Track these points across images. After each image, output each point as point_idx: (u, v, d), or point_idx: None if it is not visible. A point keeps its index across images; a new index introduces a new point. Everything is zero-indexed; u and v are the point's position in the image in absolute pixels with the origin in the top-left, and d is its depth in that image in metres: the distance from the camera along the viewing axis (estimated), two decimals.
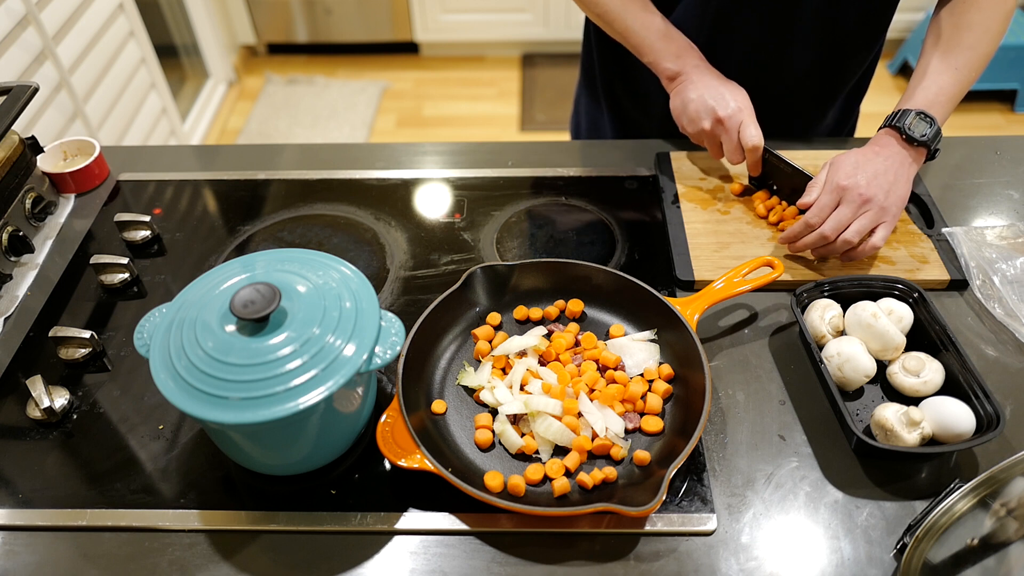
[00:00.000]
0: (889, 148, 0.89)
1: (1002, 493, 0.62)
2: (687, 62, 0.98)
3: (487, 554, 0.66)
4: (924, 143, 0.89)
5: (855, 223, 0.85)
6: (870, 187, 0.85)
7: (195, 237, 1.01)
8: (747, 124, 0.94)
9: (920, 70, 0.94)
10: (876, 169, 0.87)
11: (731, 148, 0.96)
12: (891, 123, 0.91)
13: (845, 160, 0.88)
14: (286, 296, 0.65)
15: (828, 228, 0.86)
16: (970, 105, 2.88)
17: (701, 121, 0.96)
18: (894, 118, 0.91)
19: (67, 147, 1.09)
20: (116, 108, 2.07)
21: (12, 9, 1.62)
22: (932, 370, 0.76)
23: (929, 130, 0.89)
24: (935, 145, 0.90)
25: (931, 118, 0.89)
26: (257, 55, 3.36)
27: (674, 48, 0.99)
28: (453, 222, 1.01)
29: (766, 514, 0.69)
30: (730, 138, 0.96)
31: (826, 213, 0.86)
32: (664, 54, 0.99)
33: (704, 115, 0.96)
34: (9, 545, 0.68)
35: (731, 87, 0.96)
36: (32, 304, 0.91)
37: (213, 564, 0.66)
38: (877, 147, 0.89)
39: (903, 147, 0.89)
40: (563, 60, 3.24)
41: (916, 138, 0.88)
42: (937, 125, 0.89)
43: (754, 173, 0.99)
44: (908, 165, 0.89)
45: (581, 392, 0.75)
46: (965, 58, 0.92)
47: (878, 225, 0.86)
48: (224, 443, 0.70)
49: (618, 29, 1.01)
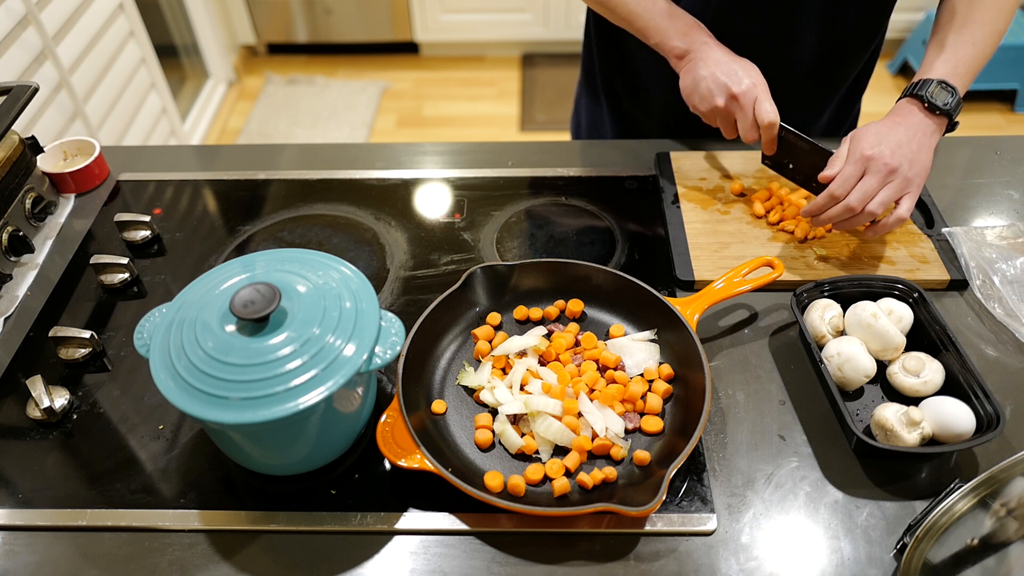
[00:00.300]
0: (912, 117, 0.88)
1: (1002, 493, 0.62)
2: (695, 39, 0.96)
3: (487, 554, 0.67)
4: (947, 112, 0.88)
5: (881, 194, 0.84)
6: (895, 157, 0.84)
7: (195, 237, 1.01)
8: (762, 100, 0.92)
9: (936, 44, 0.93)
10: (899, 138, 0.85)
11: (746, 125, 0.94)
12: (912, 92, 0.89)
13: (867, 131, 0.87)
14: (286, 296, 0.65)
15: (854, 199, 0.84)
16: (970, 105, 2.88)
17: (714, 98, 0.94)
18: (915, 87, 0.89)
19: (67, 147, 1.09)
20: (116, 108, 2.07)
21: (12, 9, 1.62)
22: (932, 370, 0.76)
23: (951, 99, 0.87)
24: (956, 114, 0.89)
25: (952, 87, 0.88)
26: (257, 55, 3.36)
27: (680, 26, 0.97)
28: (453, 222, 1.01)
29: (766, 514, 0.69)
30: (745, 115, 0.93)
31: (851, 184, 0.84)
32: (671, 33, 0.97)
33: (717, 92, 0.93)
34: (9, 545, 0.68)
35: (743, 63, 0.94)
36: (32, 304, 0.91)
37: (213, 564, 0.66)
38: (898, 117, 0.88)
39: (925, 116, 0.88)
40: (563, 60, 3.24)
41: (939, 106, 0.87)
42: (958, 95, 0.88)
43: (769, 152, 0.97)
44: (931, 134, 0.88)
45: (581, 392, 0.75)
46: (982, 33, 0.91)
47: (902, 196, 0.85)
48: (224, 443, 0.70)
49: (622, 14, 0.99)
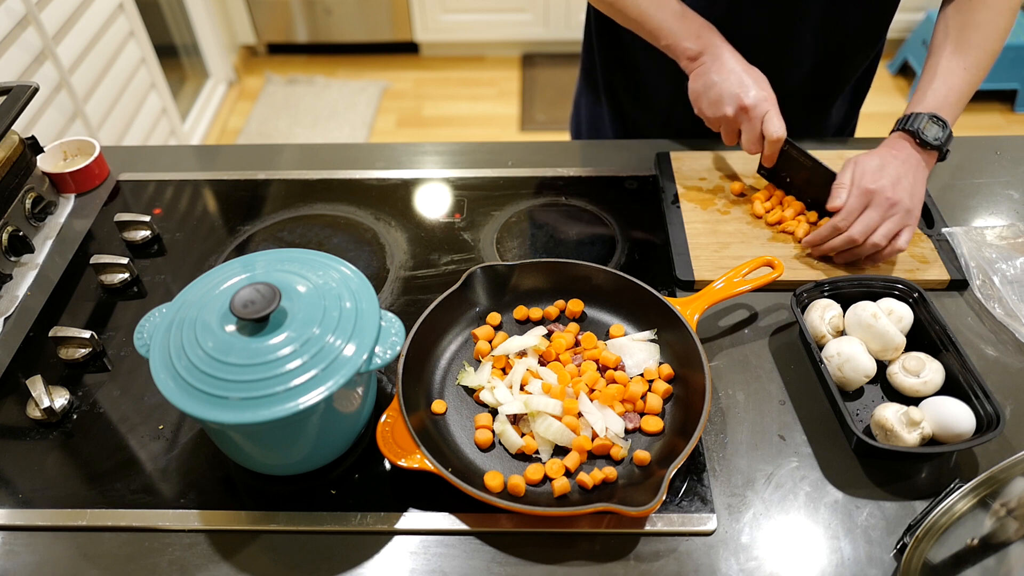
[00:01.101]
0: (904, 151, 0.89)
1: (1002, 493, 0.62)
2: (708, 41, 0.96)
3: (487, 554, 0.66)
4: (937, 147, 0.90)
5: (883, 227, 0.85)
6: (896, 190, 0.85)
7: (195, 237, 1.01)
8: (771, 115, 0.93)
9: (930, 71, 0.94)
10: (899, 172, 0.87)
11: (752, 138, 0.95)
12: (904, 127, 0.91)
13: (868, 162, 0.88)
14: (286, 296, 0.65)
15: (857, 231, 0.85)
16: (970, 105, 2.84)
17: (724, 107, 0.94)
18: (907, 121, 0.91)
19: (67, 147, 1.09)
20: (116, 108, 2.07)
21: (12, 9, 1.62)
22: (932, 370, 0.76)
23: (942, 134, 0.90)
24: (947, 148, 0.91)
25: (943, 121, 0.90)
26: (257, 55, 3.36)
27: (693, 27, 0.96)
28: (453, 222, 1.01)
29: (766, 514, 0.69)
30: (752, 127, 0.94)
31: (854, 217, 0.86)
32: (683, 34, 0.96)
33: (728, 101, 0.93)
34: (9, 545, 0.68)
35: (755, 74, 0.94)
36: (32, 304, 0.91)
37: (213, 564, 0.66)
38: (894, 150, 0.90)
39: (916, 150, 0.90)
40: (563, 60, 3.24)
41: (930, 142, 0.89)
42: (949, 128, 0.90)
43: (769, 164, 0.98)
44: (922, 168, 0.90)
45: (581, 392, 0.75)
46: (974, 57, 0.92)
47: (903, 228, 0.86)
48: (224, 443, 0.70)
49: (632, 16, 0.99)
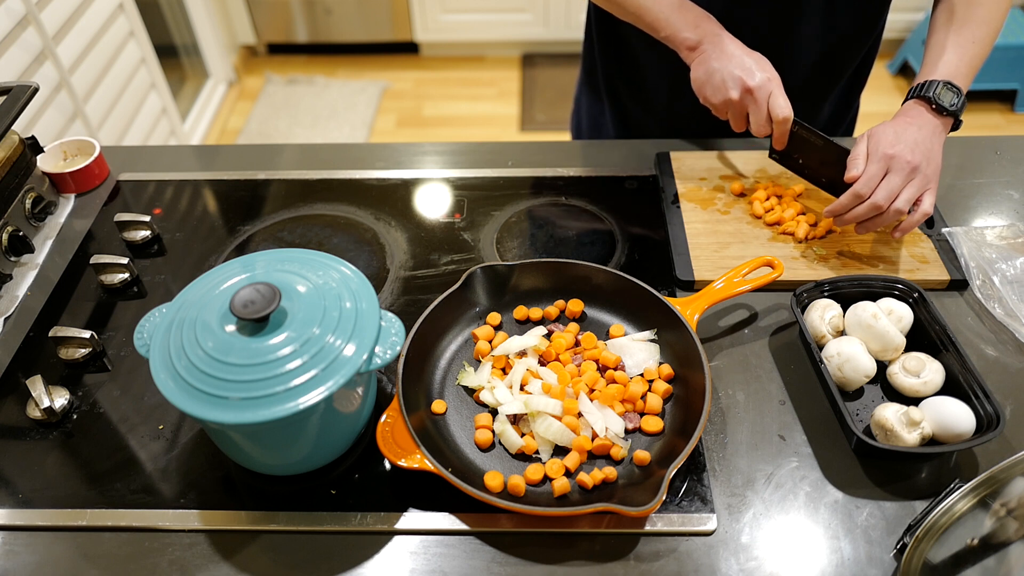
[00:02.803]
0: (921, 117, 0.89)
1: (1002, 493, 0.62)
2: (707, 30, 0.96)
3: (487, 554, 0.66)
4: (953, 112, 0.90)
5: (905, 191, 0.85)
6: (915, 154, 0.85)
7: (195, 237, 1.01)
8: (776, 95, 0.92)
9: (937, 44, 0.95)
10: (915, 137, 0.87)
11: (760, 120, 0.94)
12: (919, 93, 0.91)
13: (884, 130, 0.88)
14: (286, 296, 0.65)
15: (880, 197, 0.85)
16: (970, 105, 2.87)
17: (728, 91, 0.94)
18: (921, 88, 0.91)
19: (67, 147, 1.09)
20: (116, 108, 2.07)
21: (12, 9, 1.62)
22: (932, 370, 0.76)
23: (957, 100, 0.90)
24: (961, 113, 0.91)
25: (957, 88, 0.90)
26: (257, 55, 3.36)
27: (691, 17, 0.97)
28: (453, 222, 1.01)
29: (766, 514, 0.69)
30: (759, 109, 0.93)
31: (875, 183, 0.85)
32: (681, 25, 0.97)
33: (732, 85, 0.93)
34: (9, 545, 0.68)
35: (756, 56, 0.95)
36: (32, 304, 0.91)
37: (213, 564, 0.66)
38: (909, 117, 0.90)
39: (933, 116, 0.90)
40: (563, 60, 3.24)
41: (946, 107, 0.89)
42: (963, 95, 0.90)
43: (779, 146, 0.98)
44: (939, 133, 0.90)
45: (581, 392, 0.75)
46: (981, 32, 0.93)
47: (924, 192, 0.86)
48: (224, 443, 0.70)
49: (631, 9, 0.99)
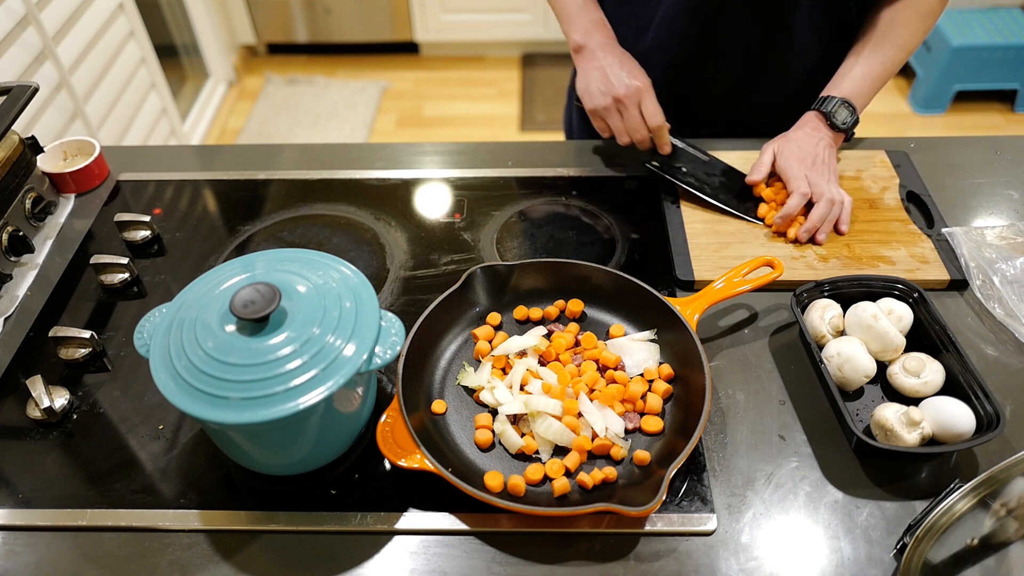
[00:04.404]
0: (819, 130, 0.99)
1: (1002, 493, 0.62)
2: (593, 38, 0.98)
3: (487, 554, 0.67)
4: (843, 130, 0.99)
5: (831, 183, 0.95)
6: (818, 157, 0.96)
7: (195, 237, 1.01)
8: (647, 103, 0.96)
9: (852, 59, 1.01)
10: (814, 144, 0.97)
11: (633, 125, 0.97)
12: (819, 107, 1.00)
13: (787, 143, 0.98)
14: (286, 296, 0.65)
15: (826, 191, 0.93)
16: (970, 105, 2.88)
17: (597, 99, 0.96)
18: (822, 103, 1.00)
19: (67, 147, 1.09)
20: (116, 108, 2.07)
21: (12, 9, 1.62)
22: (932, 371, 0.76)
23: (850, 119, 0.99)
24: (851, 132, 1.01)
25: (853, 107, 0.99)
26: (257, 55, 3.36)
27: (585, 22, 0.99)
28: (453, 222, 1.01)
29: (766, 514, 0.69)
30: (631, 114, 0.96)
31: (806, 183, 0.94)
32: (575, 25, 0.99)
33: (602, 92, 0.96)
34: (9, 545, 0.68)
35: (630, 67, 0.96)
36: (32, 304, 0.91)
37: (213, 564, 0.66)
38: (809, 128, 0.99)
39: (828, 129, 0.99)
40: (563, 60, 3.24)
41: (838, 124, 0.98)
42: (857, 115, 1.00)
43: (663, 152, 1.02)
44: (832, 145, 1.00)
45: (581, 392, 0.75)
46: (893, 54, 0.99)
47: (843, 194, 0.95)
48: (224, 443, 0.70)
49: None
